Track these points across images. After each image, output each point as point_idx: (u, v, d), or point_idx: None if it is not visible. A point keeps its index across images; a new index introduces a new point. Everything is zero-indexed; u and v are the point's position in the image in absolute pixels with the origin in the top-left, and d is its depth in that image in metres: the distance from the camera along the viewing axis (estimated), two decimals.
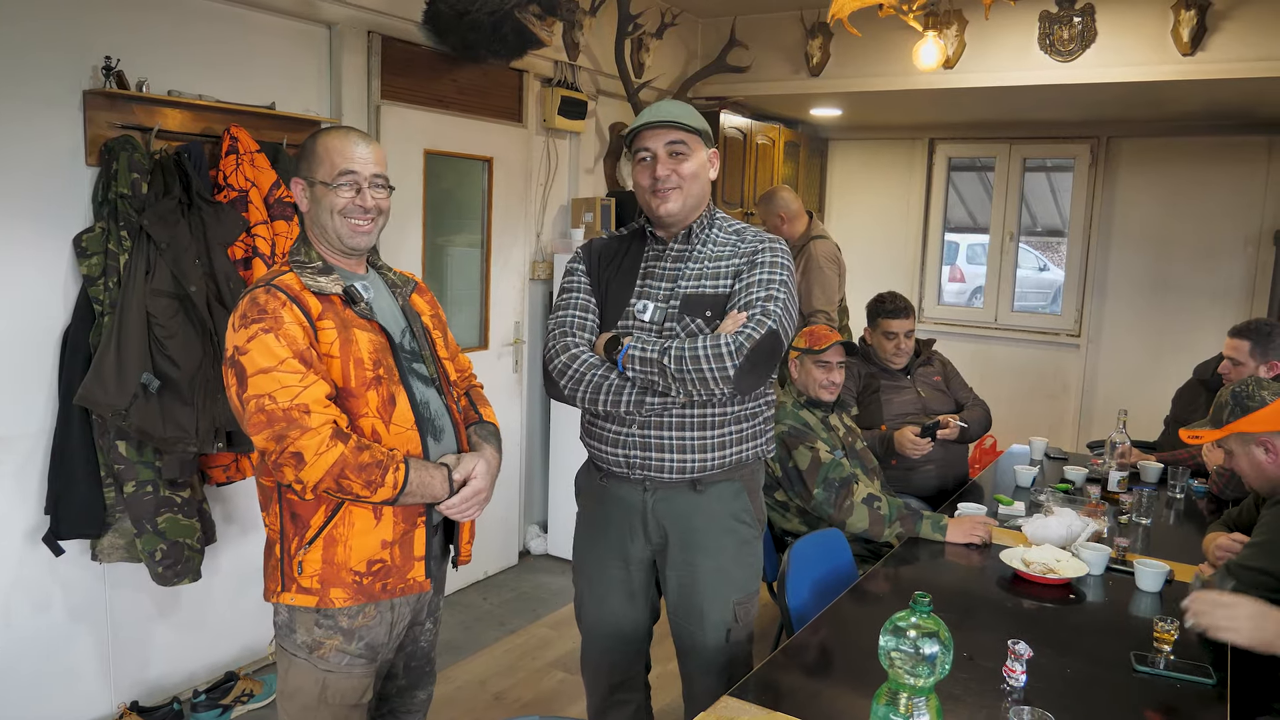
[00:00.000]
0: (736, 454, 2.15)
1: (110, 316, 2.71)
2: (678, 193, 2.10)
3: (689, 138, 2.10)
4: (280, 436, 1.70)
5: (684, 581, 2.20)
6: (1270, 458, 2.29)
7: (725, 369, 1.96)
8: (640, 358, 2.01)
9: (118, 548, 2.86)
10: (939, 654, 1.43)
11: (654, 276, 2.17)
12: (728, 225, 2.20)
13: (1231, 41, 4.06)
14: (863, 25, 3.99)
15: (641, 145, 2.12)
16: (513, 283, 4.49)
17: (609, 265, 2.23)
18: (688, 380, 1.98)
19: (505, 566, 4.59)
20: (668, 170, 2.09)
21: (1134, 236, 6.02)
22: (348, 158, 1.85)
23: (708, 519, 2.16)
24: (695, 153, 2.12)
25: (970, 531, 2.71)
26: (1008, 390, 6.24)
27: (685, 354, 1.97)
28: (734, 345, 1.96)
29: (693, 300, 2.10)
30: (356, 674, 1.89)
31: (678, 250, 2.17)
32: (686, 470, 2.12)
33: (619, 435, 2.14)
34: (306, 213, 1.89)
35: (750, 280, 2.06)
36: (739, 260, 2.11)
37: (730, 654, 2.21)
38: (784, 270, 2.10)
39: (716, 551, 2.17)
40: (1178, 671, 1.93)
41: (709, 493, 2.15)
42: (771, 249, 2.12)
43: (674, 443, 2.10)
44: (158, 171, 2.82)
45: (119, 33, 2.85)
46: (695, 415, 2.09)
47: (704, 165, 2.15)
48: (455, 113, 4.05)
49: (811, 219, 4.70)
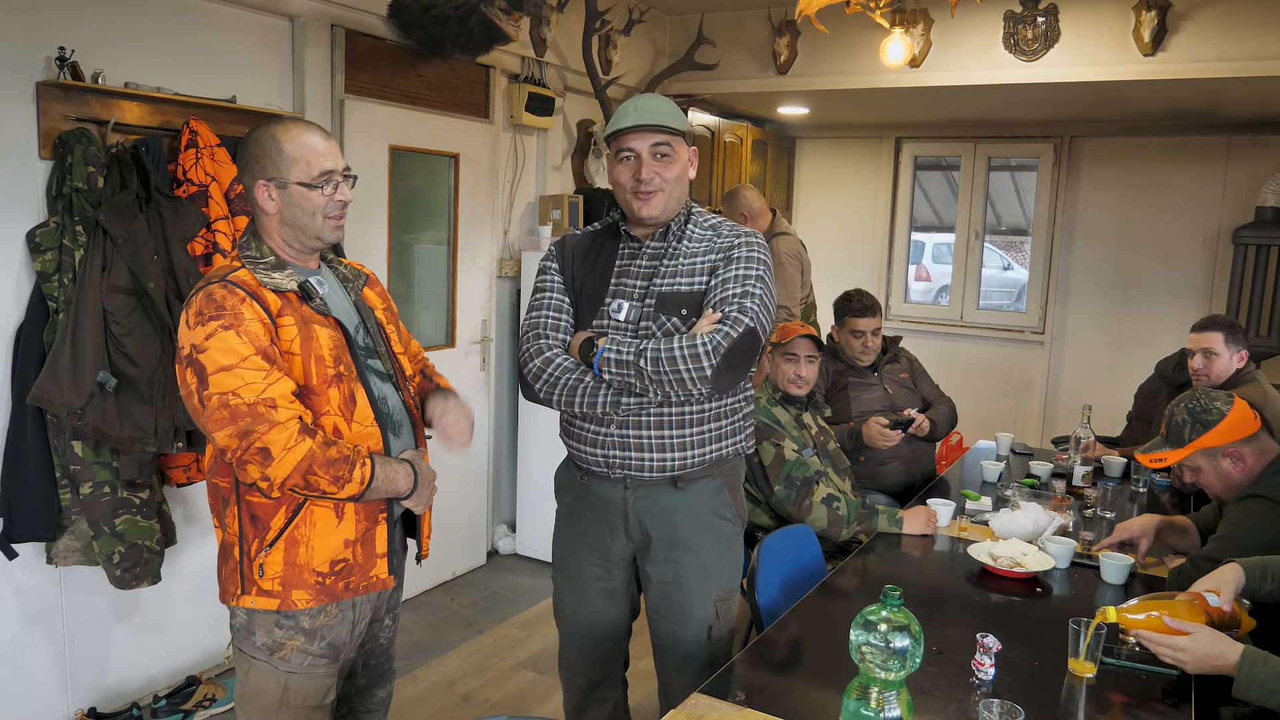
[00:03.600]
0: (717, 450, 2.14)
1: (65, 314, 2.65)
2: (660, 195, 2.07)
3: (674, 140, 2.07)
4: (245, 432, 1.66)
5: (666, 579, 2.18)
6: (1238, 466, 2.32)
7: (703, 369, 1.93)
8: (616, 360, 1.99)
9: (74, 550, 2.79)
10: (909, 647, 1.43)
11: (629, 275, 2.14)
12: (704, 221, 2.17)
13: (1191, 42, 4.13)
14: (830, 23, 4.01)
15: (625, 145, 2.07)
16: (480, 280, 4.45)
17: (583, 263, 2.20)
18: (664, 381, 1.95)
19: (473, 567, 4.55)
20: (651, 173, 2.05)
21: (1096, 235, 6.11)
22: (324, 155, 1.82)
23: (689, 516, 2.15)
24: (679, 155, 2.09)
25: (927, 522, 2.83)
26: (974, 387, 6.30)
27: (661, 355, 1.95)
28: (711, 345, 1.93)
29: (668, 299, 2.07)
30: (319, 675, 1.86)
31: (654, 248, 2.14)
32: (667, 469, 2.10)
33: (598, 435, 2.12)
34: (273, 214, 1.82)
35: (726, 276, 2.04)
36: (715, 256, 2.08)
37: (711, 651, 2.20)
38: (760, 265, 2.07)
39: (698, 549, 2.16)
40: (1143, 662, 1.95)
41: (690, 490, 2.13)
42: (748, 244, 2.09)
43: (653, 441, 2.08)
44: (114, 165, 2.76)
45: (74, 23, 2.79)
46: (674, 414, 2.07)
47: (686, 166, 2.12)
48: (421, 108, 4.01)
49: (775, 216, 4.71)
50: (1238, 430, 2.30)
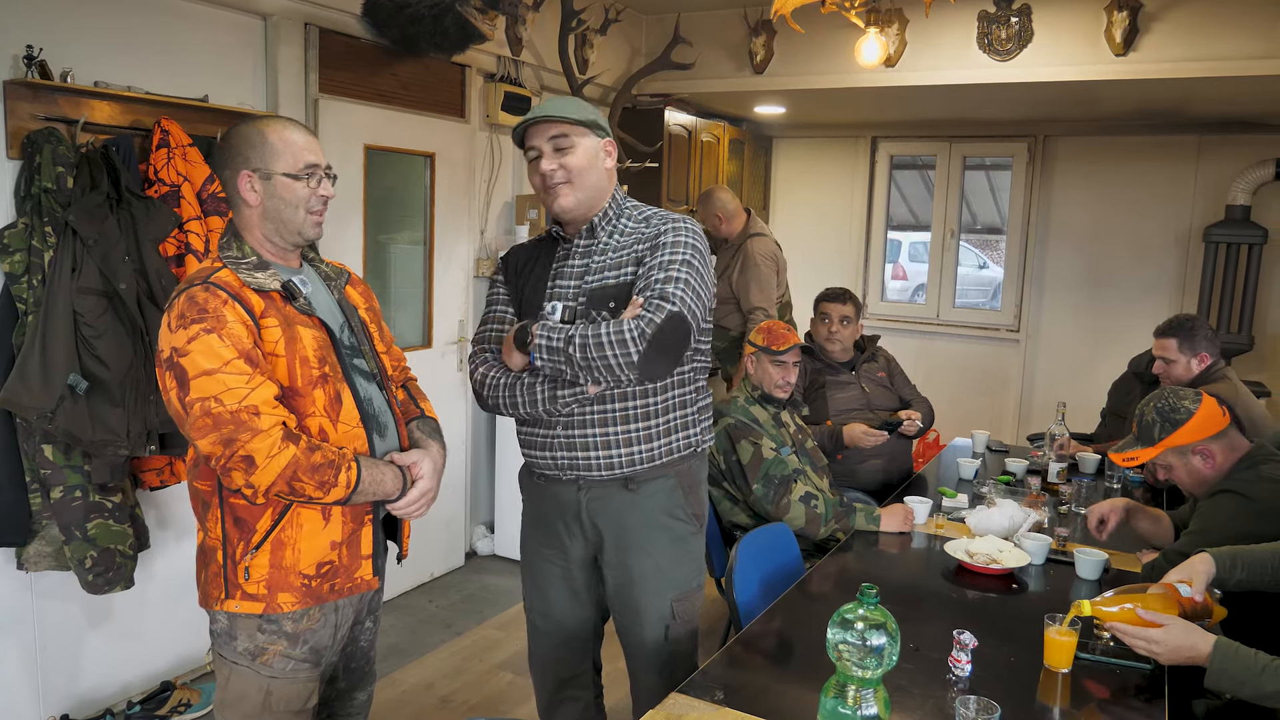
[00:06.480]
0: (666, 447, 2.12)
1: (34, 315, 2.61)
2: (568, 187, 2.06)
3: (572, 129, 2.05)
4: (229, 440, 1.64)
5: (620, 580, 2.19)
6: (1208, 463, 2.35)
7: (629, 354, 1.90)
8: (548, 347, 1.97)
9: (45, 555, 2.76)
10: (886, 645, 1.44)
11: (563, 276, 2.13)
12: (637, 214, 2.15)
13: (1162, 42, 4.17)
14: (806, 23, 4.02)
15: (529, 144, 2.09)
16: (457, 280, 4.43)
17: (523, 272, 2.21)
18: (593, 367, 1.93)
19: (452, 568, 4.53)
20: (553, 165, 2.05)
21: (1070, 234, 6.16)
22: (308, 149, 1.83)
23: (641, 517, 2.14)
24: (581, 143, 2.06)
25: (905, 519, 2.85)
26: (950, 385, 6.35)
27: (589, 340, 1.92)
28: (635, 331, 1.91)
29: (596, 294, 2.06)
30: (301, 679, 1.85)
31: (583, 246, 2.14)
32: (615, 466, 2.09)
33: (546, 438, 2.12)
34: (255, 206, 1.81)
35: (652, 264, 2.01)
36: (643, 246, 2.06)
37: (671, 651, 2.20)
38: (688, 249, 2.02)
39: (652, 549, 2.16)
40: (1117, 657, 1.97)
41: (641, 490, 2.13)
42: (675, 229, 2.05)
43: (599, 439, 2.08)
44: (84, 165, 2.72)
45: (42, 21, 2.75)
46: (617, 410, 2.07)
47: (595, 155, 2.09)
48: (397, 107, 3.98)
49: (750, 217, 4.72)
50: (1206, 428, 2.33)
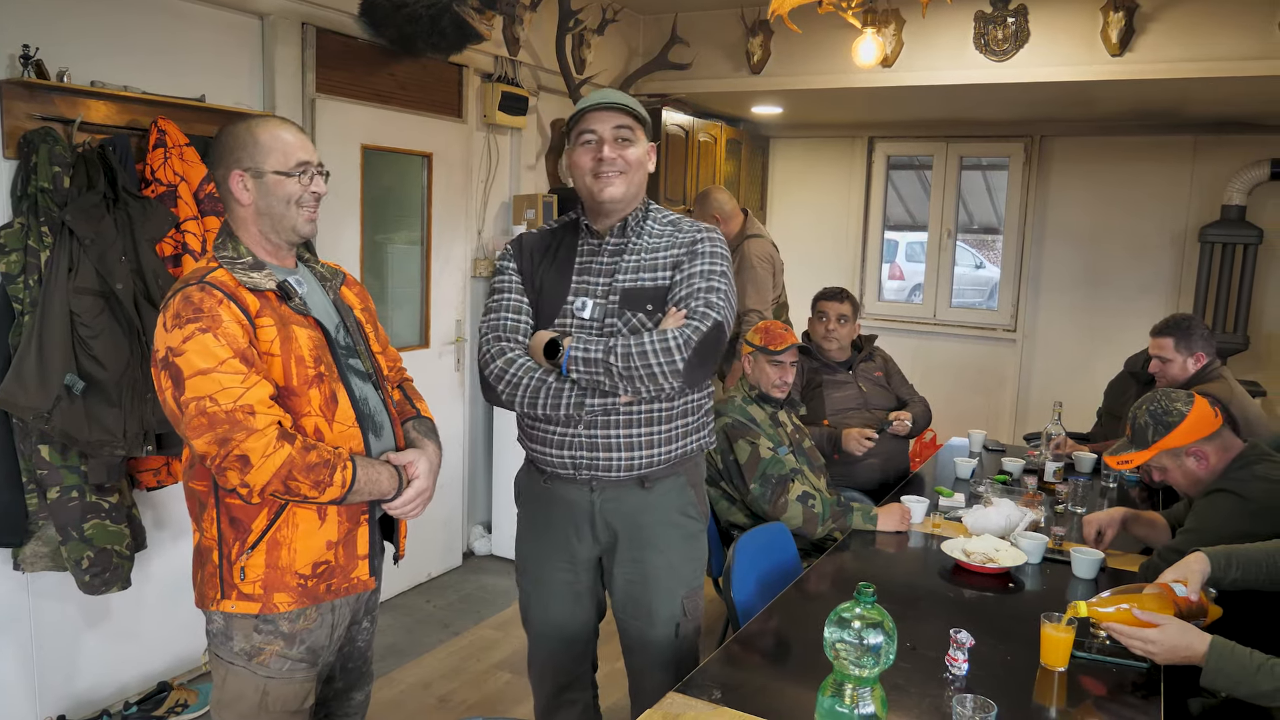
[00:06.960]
0: (682, 448, 2.14)
1: (31, 316, 2.61)
2: (622, 178, 2.07)
3: (636, 126, 2.09)
4: (224, 440, 1.65)
5: (633, 579, 2.18)
6: (1202, 464, 2.36)
7: (675, 364, 1.94)
8: (584, 359, 1.98)
9: (41, 556, 2.75)
10: (883, 644, 1.44)
11: (591, 272, 2.13)
12: (662, 217, 2.18)
13: (1157, 43, 4.18)
14: (803, 23, 4.02)
15: (586, 127, 2.07)
16: (454, 280, 4.43)
17: (541, 261, 2.19)
18: (636, 378, 1.95)
19: (449, 568, 4.53)
20: (614, 154, 2.06)
21: (1066, 233, 6.17)
22: (299, 147, 1.83)
23: (655, 515, 2.15)
24: (640, 140, 2.10)
25: (902, 519, 2.85)
26: (947, 384, 6.35)
27: (633, 351, 1.95)
28: (681, 339, 1.95)
29: (632, 294, 2.07)
30: (298, 679, 1.84)
31: (614, 244, 2.13)
32: (635, 468, 2.09)
33: (564, 437, 2.10)
34: (248, 205, 1.82)
35: (691, 271, 2.05)
36: (677, 251, 2.09)
37: (679, 648, 2.20)
38: (723, 261, 2.09)
39: (665, 547, 2.16)
40: (1113, 656, 1.98)
41: (656, 489, 2.13)
42: (710, 239, 2.10)
43: (621, 441, 2.07)
44: (81, 165, 2.71)
45: (39, 20, 2.74)
46: (642, 412, 2.07)
47: (645, 155, 2.13)
48: (394, 107, 3.98)
49: (747, 217, 4.72)
50: (1199, 430, 2.34)
